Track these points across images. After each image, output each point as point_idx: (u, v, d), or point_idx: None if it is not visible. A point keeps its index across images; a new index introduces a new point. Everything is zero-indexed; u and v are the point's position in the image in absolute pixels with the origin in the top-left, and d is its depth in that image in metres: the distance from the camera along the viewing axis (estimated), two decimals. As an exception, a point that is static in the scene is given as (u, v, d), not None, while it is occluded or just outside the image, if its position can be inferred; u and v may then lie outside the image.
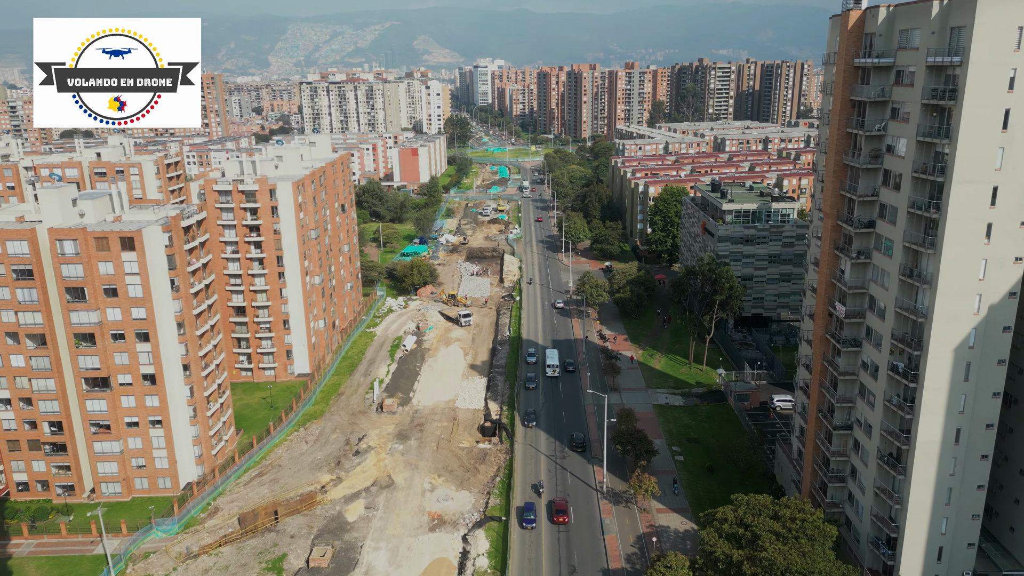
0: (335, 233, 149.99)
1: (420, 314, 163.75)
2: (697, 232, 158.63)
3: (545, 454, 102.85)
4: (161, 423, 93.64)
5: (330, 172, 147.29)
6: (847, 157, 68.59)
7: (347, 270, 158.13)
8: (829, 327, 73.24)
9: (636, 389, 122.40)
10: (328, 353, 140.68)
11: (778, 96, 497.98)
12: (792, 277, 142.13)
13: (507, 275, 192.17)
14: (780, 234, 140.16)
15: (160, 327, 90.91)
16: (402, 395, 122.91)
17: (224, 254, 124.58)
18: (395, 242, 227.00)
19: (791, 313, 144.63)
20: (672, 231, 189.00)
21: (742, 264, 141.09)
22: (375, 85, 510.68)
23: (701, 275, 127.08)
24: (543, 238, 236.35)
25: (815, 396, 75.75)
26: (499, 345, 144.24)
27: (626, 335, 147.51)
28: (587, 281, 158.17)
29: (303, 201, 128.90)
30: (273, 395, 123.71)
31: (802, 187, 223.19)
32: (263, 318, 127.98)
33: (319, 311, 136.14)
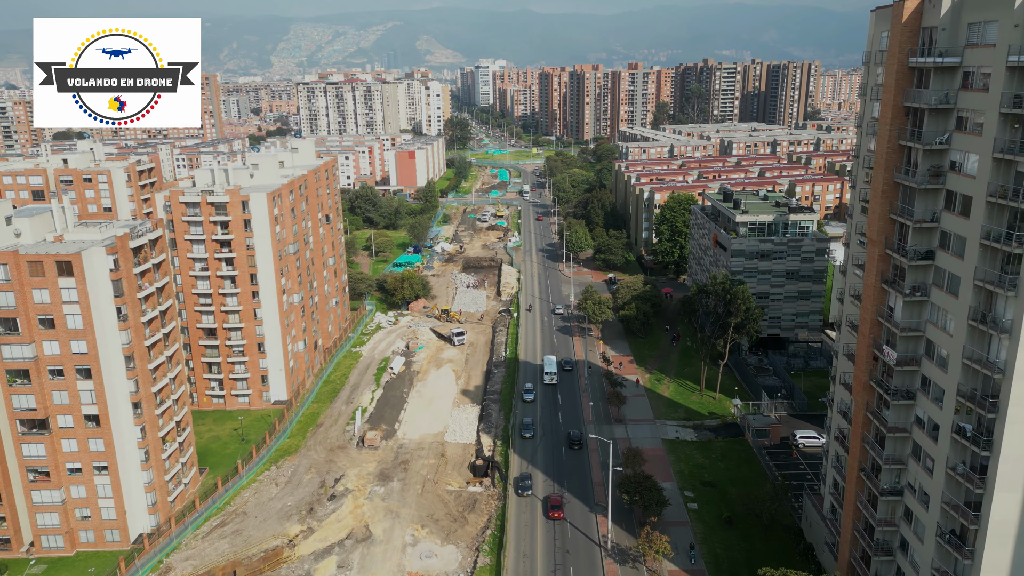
0: (318, 246, 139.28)
1: (410, 331, 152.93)
2: (707, 244, 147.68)
3: (541, 499, 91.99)
4: (107, 469, 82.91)
5: (312, 181, 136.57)
6: (899, 174, 57.69)
7: (332, 285, 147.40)
8: (874, 373, 62.31)
9: (643, 420, 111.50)
10: (309, 376, 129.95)
11: (784, 97, 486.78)
12: (811, 295, 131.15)
13: (504, 287, 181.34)
14: (799, 249, 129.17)
15: (105, 362, 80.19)
16: (386, 427, 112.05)
17: (193, 271, 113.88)
18: (388, 251, 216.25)
19: (809, 333, 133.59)
20: (680, 241, 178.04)
21: (757, 281, 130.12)
22: (373, 86, 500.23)
23: (714, 294, 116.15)
24: (543, 246, 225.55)
25: (856, 451, 64.81)
26: (494, 367, 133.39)
27: (631, 356, 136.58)
28: (589, 297, 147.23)
29: (280, 213, 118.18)
30: (246, 425, 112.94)
31: (815, 194, 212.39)
32: (236, 341, 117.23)
33: (298, 332, 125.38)
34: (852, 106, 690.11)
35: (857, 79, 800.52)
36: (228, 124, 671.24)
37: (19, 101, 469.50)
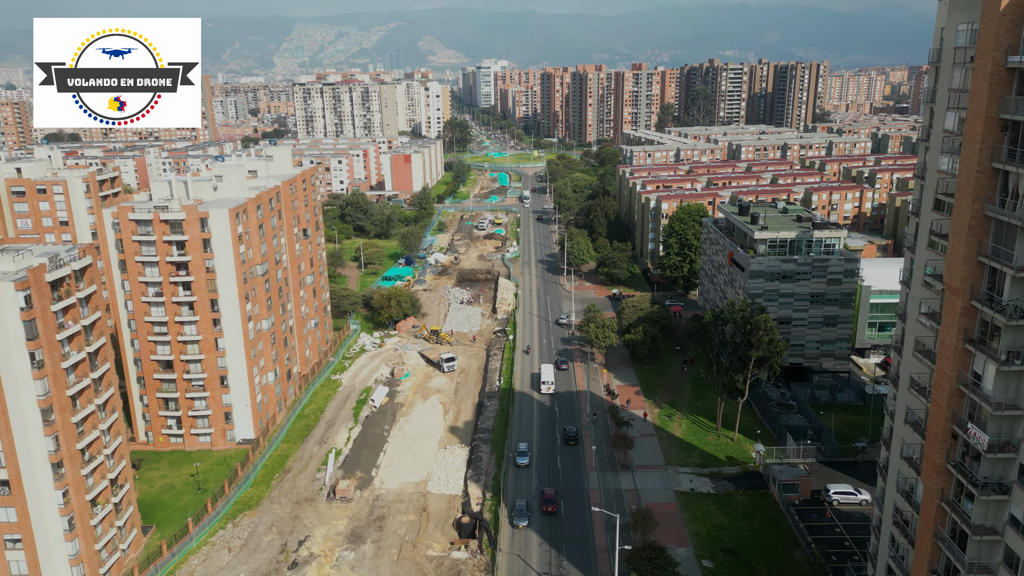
0: (294, 264, 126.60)
1: (397, 355, 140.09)
2: (721, 262, 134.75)
3: (537, 571, 79.18)
4: (21, 542, 70.27)
5: (287, 192, 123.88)
6: (992, 206, 44.83)
7: (311, 306, 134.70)
8: (952, 454, 49.41)
9: (653, 467, 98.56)
10: (281, 410, 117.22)
11: (792, 99, 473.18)
12: (838, 320, 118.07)
13: (501, 304, 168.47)
14: (824, 269, 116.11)
15: (16, 417, 67.54)
16: (362, 474, 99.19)
17: (145, 297, 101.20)
18: (378, 262, 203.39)
19: (836, 363, 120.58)
20: (690, 255, 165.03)
21: (778, 305, 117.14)
22: (371, 87, 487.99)
23: (732, 322, 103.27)
24: (543, 257, 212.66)
25: (925, 548, 51.90)
26: (487, 399, 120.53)
27: (638, 386, 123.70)
28: (592, 319, 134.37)
29: (245, 231, 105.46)
30: (205, 471, 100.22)
31: (832, 202, 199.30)
32: (195, 374, 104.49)
33: (268, 362, 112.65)
34: (860, 107, 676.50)
35: (865, 80, 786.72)
36: (225, 125, 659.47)
37: (6, 102, 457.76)
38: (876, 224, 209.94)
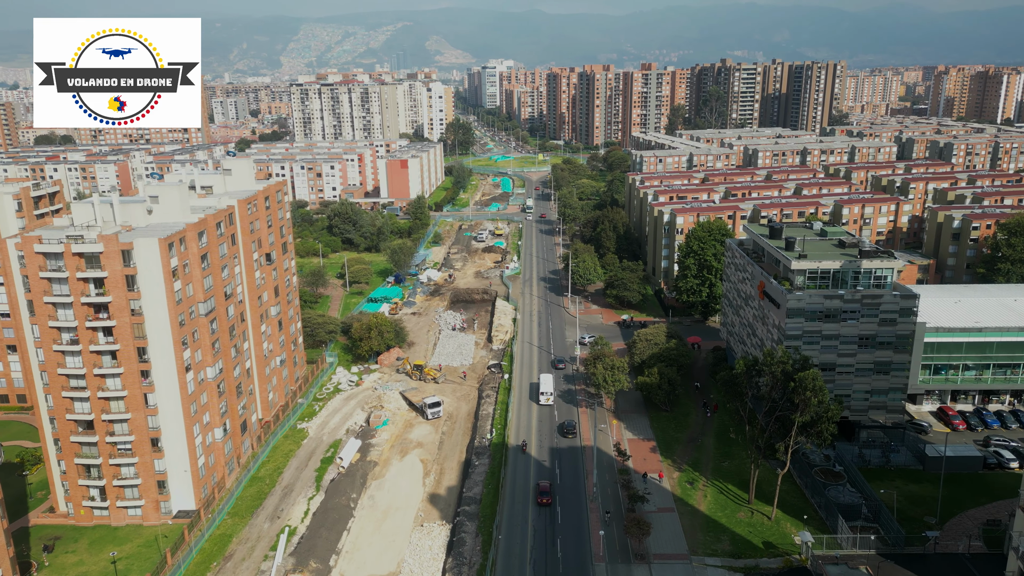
0: (253, 296, 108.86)
1: (375, 397, 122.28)
2: (749, 293, 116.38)
3: None
4: None
5: (244, 213, 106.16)
6: None
7: (275, 341, 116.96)
8: None
9: (674, 557, 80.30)
10: (233, 470, 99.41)
11: (808, 100, 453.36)
12: (891, 367, 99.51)
13: (497, 331, 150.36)
14: (876, 307, 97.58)
15: None
16: (317, 564, 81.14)
17: (58, 345, 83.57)
18: (365, 280, 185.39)
19: (888, 415, 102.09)
20: (709, 278, 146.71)
21: (820, 349, 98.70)
22: (371, 87, 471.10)
23: (770, 375, 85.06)
24: (546, 274, 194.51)
25: None
26: (475, 456, 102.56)
27: (654, 441, 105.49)
28: (600, 356, 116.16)
29: (183, 263, 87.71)
30: (129, 556, 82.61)
31: (864, 216, 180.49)
32: (120, 436, 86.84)
33: (214, 416, 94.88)
34: (876, 109, 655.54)
35: (880, 80, 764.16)
36: (224, 126, 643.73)
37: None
38: (912, 240, 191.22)
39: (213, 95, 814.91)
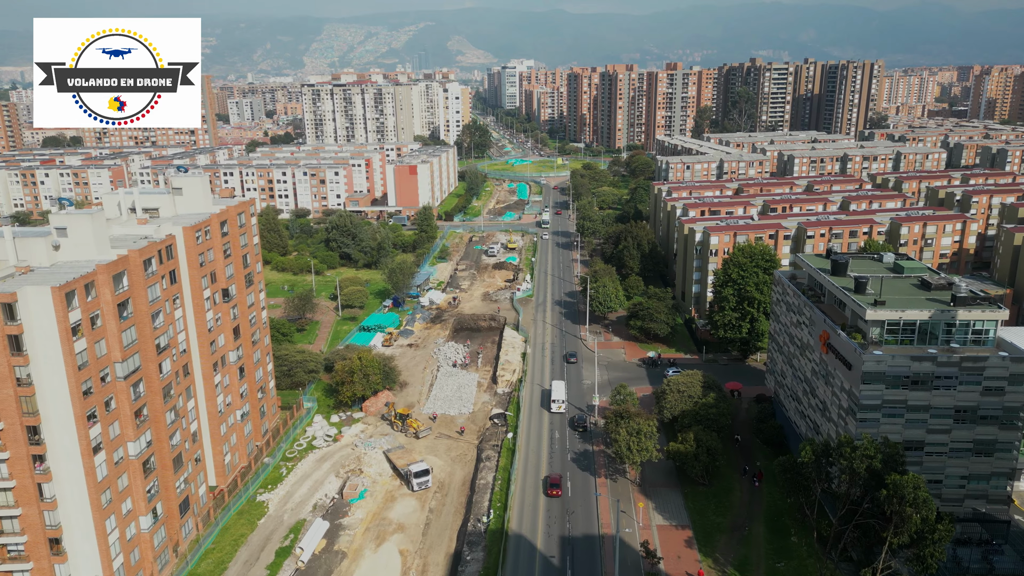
0: (204, 342, 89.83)
1: (354, 457, 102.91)
2: (807, 341, 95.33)
3: None
4: None
5: (191, 243, 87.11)
6: None
7: (235, 393, 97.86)
8: None
9: None
10: (167, 563, 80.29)
11: (843, 102, 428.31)
12: (996, 447, 78.37)
13: (504, 370, 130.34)
14: (979, 372, 76.45)
15: None
16: None
17: (-75, 422, 64.93)
18: (360, 303, 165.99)
19: (988, 507, 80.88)
20: (751, 312, 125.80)
21: (904, 423, 77.77)
22: (384, 88, 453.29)
23: (848, 472, 64.35)
24: (561, 297, 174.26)
25: None
26: (467, 546, 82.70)
27: (689, 529, 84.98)
28: (623, 418, 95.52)
29: (89, 316, 68.62)
30: None
31: (926, 236, 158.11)
32: (10, 536, 68.06)
33: (139, 502, 75.79)
34: (912, 110, 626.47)
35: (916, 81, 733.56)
36: (238, 127, 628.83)
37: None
38: (979, 262, 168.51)
39: (230, 95, 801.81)
